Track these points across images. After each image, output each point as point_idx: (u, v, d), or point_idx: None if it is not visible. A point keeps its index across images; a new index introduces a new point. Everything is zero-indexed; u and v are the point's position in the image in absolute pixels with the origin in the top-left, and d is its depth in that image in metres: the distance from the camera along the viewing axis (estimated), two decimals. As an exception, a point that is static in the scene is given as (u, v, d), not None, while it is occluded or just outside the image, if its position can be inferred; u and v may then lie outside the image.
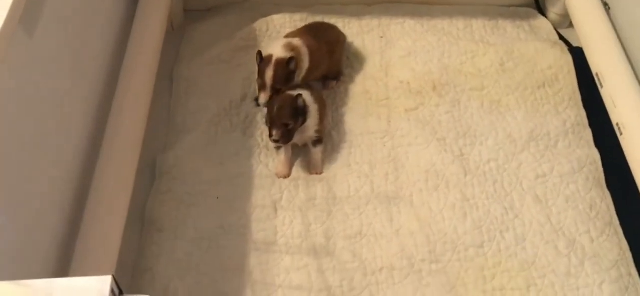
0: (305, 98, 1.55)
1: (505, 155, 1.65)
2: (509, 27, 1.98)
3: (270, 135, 1.52)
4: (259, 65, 1.61)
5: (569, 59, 1.86)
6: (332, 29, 1.84)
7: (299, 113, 1.53)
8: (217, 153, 1.64)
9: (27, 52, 1.14)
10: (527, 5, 2.04)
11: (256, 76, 1.64)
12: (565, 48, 1.89)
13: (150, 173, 1.61)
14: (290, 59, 1.59)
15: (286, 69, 1.59)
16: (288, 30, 1.91)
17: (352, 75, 1.83)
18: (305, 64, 1.66)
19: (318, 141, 1.61)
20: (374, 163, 1.63)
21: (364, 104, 1.76)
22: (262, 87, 1.60)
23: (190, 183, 1.57)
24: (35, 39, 1.16)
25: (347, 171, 1.62)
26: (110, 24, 1.67)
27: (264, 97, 1.60)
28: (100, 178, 1.39)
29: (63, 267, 1.28)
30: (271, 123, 1.52)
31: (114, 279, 0.64)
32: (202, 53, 1.88)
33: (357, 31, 1.95)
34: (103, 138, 1.46)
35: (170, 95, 1.79)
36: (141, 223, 1.52)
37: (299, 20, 1.94)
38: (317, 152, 1.61)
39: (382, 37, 1.94)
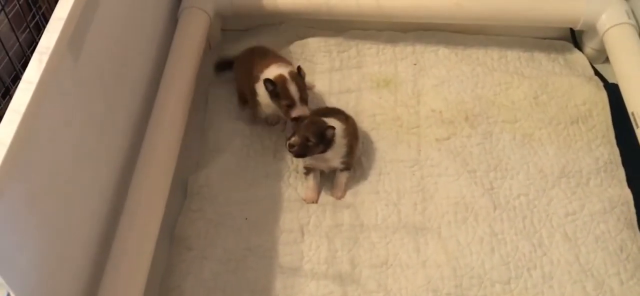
0: (337, 132, 1.56)
1: (536, 191, 1.64)
2: (544, 60, 1.97)
3: (288, 139, 1.53)
4: (272, 91, 1.59)
5: (603, 95, 1.84)
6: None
7: (323, 140, 1.54)
8: (248, 175, 1.67)
9: (71, 75, 1.18)
10: (563, 39, 2.03)
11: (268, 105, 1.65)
12: (601, 84, 1.87)
13: (182, 190, 1.64)
14: (299, 68, 1.62)
15: (302, 77, 1.62)
16: (322, 54, 1.94)
17: (383, 101, 1.84)
18: None
19: (345, 168, 1.63)
20: (403, 192, 1.64)
21: (395, 131, 1.77)
22: (290, 105, 1.59)
23: (220, 204, 1.60)
24: (79, 62, 1.20)
25: (374, 198, 1.62)
26: (149, 44, 1.71)
27: (300, 110, 1.59)
28: (134, 195, 1.42)
29: (95, 279, 1.31)
30: (296, 130, 1.54)
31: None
32: (237, 73, 1.91)
33: (390, 57, 1.96)
34: (138, 156, 1.50)
35: (205, 114, 1.82)
36: (170, 240, 1.55)
37: (334, 44, 1.96)
38: (342, 176, 1.63)
39: (415, 64, 1.94)
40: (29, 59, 1.07)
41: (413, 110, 1.82)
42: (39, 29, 1.60)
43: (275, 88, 1.59)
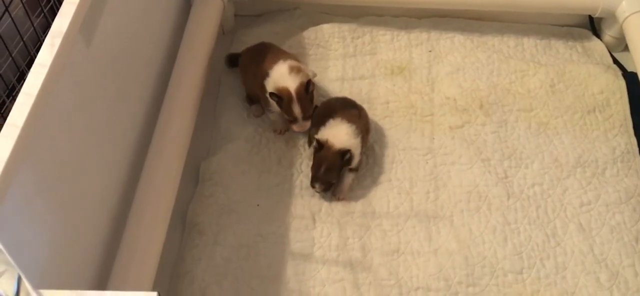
0: (353, 146, 1.54)
1: (550, 180, 1.62)
2: (561, 48, 1.94)
3: (312, 185, 1.56)
4: (278, 102, 1.59)
5: (622, 84, 1.81)
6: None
7: (345, 163, 1.54)
8: (259, 161, 1.67)
9: (83, 60, 1.18)
10: (581, 26, 1.99)
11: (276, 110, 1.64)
12: (619, 73, 1.84)
13: (194, 176, 1.64)
14: (308, 83, 1.59)
15: (307, 93, 1.59)
16: (336, 40, 1.93)
17: (397, 88, 1.83)
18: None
19: (354, 168, 1.59)
20: (415, 180, 1.62)
21: (408, 119, 1.76)
22: (293, 121, 1.61)
23: (232, 190, 1.60)
24: (92, 47, 1.20)
25: (387, 186, 1.62)
26: (162, 30, 1.71)
27: (301, 127, 1.62)
28: (146, 180, 1.43)
29: (107, 264, 1.32)
30: (315, 177, 1.54)
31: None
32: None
33: (405, 44, 1.94)
34: (151, 141, 1.50)
35: (217, 100, 1.82)
36: (182, 226, 1.56)
37: (348, 30, 1.95)
38: (348, 177, 1.59)
39: (430, 51, 1.93)
40: (44, 43, 1.08)
41: (427, 97, 1.81)
42: (54, 13, 1.60)
43: (281, 101, 1.59)
